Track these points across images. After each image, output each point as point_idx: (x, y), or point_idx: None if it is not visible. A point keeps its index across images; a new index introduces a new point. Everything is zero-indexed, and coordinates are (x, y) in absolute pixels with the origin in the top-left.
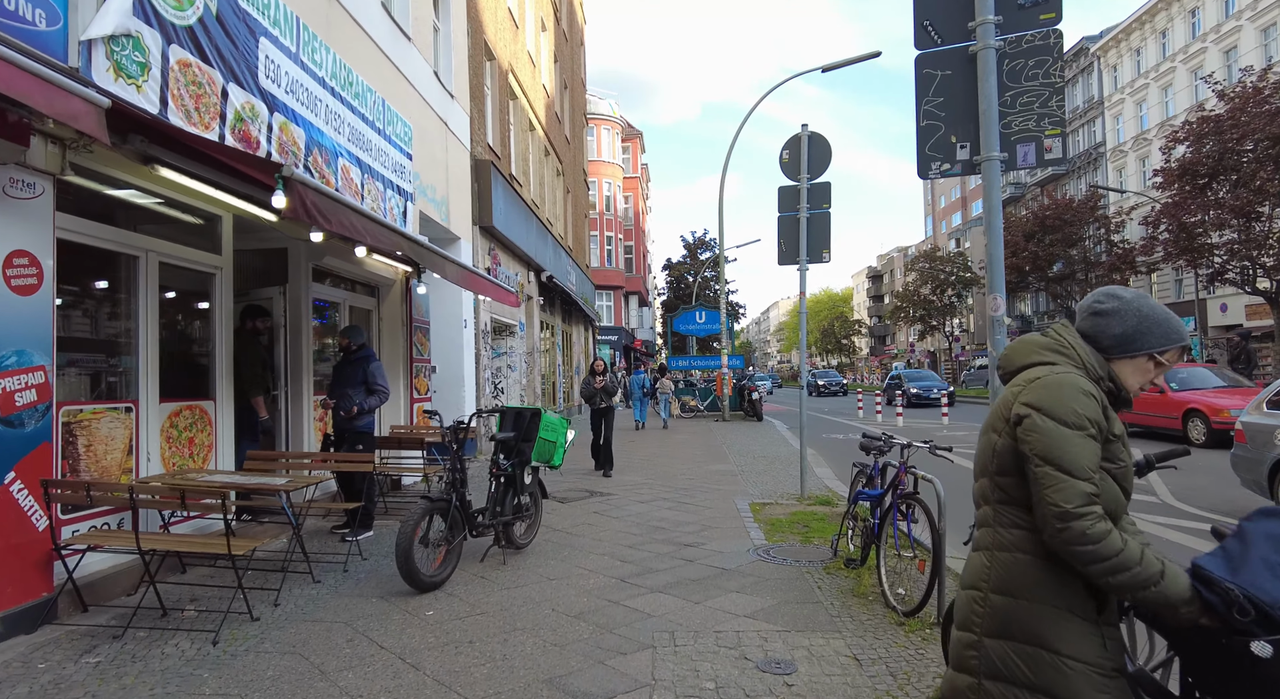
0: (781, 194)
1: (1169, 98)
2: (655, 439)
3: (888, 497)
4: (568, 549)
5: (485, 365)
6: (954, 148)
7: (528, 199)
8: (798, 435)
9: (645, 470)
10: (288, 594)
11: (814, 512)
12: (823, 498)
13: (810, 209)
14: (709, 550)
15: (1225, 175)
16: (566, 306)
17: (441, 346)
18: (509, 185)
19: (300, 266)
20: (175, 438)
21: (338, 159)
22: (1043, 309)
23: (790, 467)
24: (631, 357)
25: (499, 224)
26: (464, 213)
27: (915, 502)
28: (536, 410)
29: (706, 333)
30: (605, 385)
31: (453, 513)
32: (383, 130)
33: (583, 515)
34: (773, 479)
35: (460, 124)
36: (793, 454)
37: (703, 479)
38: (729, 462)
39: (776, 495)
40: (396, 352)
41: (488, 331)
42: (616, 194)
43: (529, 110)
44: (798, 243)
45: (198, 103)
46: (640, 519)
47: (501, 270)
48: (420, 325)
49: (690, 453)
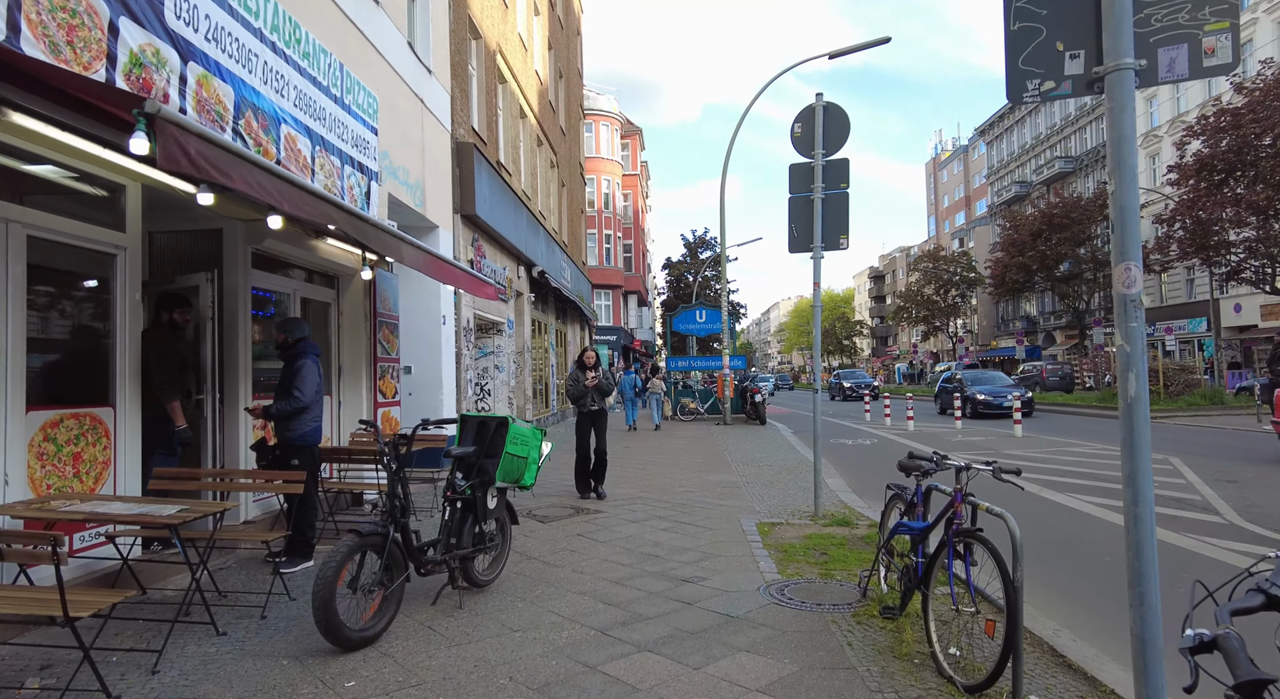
0: (793, 173)
1: (1181, 93)
2: (650, 444)
3: (937, 531)
4: (541, 586)
5: (468, 365)
6: (1061, 57)
7: (518, 189)
8: (805, 441)
9: (639, 482)
10: (177, 654)
11: (831, 535)
12: (839, 516)
13: (826, 189)
14: (711, 588)
15: (1243, 171)
16: (561, 304)
17: (416, 345)
18: (496, 173)
19: (237, 250)
20: (52, 455)
21: (280, 125)
22: (1049, 309)
23: (799, 477)
24: (630, 357)
25: (483, 213)
26: (443, 199)
27: (976, 540)
28: (503, 419)
29: (707, 332)
30: (599, 383)
31: (390, 549)
32: (340, 98)
33: (564, 539)
34: (781, 492)
35: (439, 103)
36: (800, 462)
37: (703, 492)
38: (731, 471)
39: (786, 512)
40: (359, 350)
41: (470, 329)
42: (615, 191)
43: (520, 96)
44: (811, 227)
45: (71, 35)
46: (631, 544)
47: (487, 263)
48: (387, 320)
49: (689, 461)
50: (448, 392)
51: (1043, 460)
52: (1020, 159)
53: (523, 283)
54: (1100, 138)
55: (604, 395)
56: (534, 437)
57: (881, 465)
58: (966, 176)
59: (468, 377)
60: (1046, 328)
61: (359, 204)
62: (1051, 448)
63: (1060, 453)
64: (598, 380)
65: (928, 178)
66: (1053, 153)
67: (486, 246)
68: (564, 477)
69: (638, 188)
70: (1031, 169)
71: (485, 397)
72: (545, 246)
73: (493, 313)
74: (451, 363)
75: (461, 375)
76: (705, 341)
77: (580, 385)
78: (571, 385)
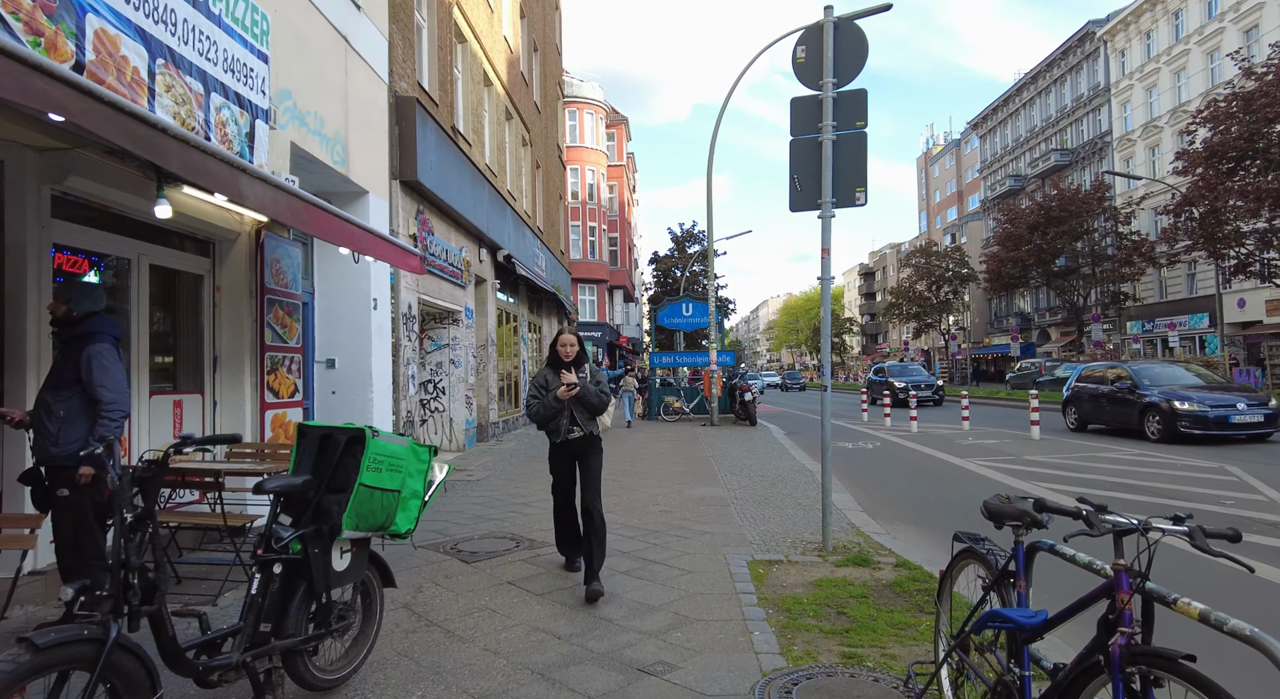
0: (796, 109)
1: (1182, 82)
2: (627, 448)
3: (1068, 630)
4: (427, 682)
5: (409, 359)
6: None
7: (480, 162)
8: (799, 443)
9: (607, 498)
10: None
11: (847, 580)
12: (853, 550)
13: (838, 129)
14: (681, 688)
15: (1254, 159)
16: (535, 295)
17: (340, 333)
18: (450, 139)
19: (25, 193)
20: None
21: (85, 14)
22: (1044, 305)
23: (797, 490)
24: (616, 354)
25: (430, 181)
26: (377, 162)
27: (1176, 676)
28: (358, 432)
29: (693, 327)
30: (582, 391)
31: (115, 660)
32: (205, 6)
33: (487, 590)
34: (777, 511)
35: (372, 47)
36: (797, 471)
37: (683, 512)
38: (718, 483)
39: (786, 543)
40: (240, 336)
41: (413, 316)
42: (600, 182)
43: (484, 60)
44: (819, 178)
45: None
46: (579, 598)
47: (436, 240)
48: (283, 299)
49: (669, 470)
50: (380, 390)
51: (1089, 470)
52: (1014, 152)
53: (486, 267)
54: (1097, 130)
55: (594, 412)
56: (413, 458)
57: (892, 475)
58: (959, 171)
59: (409, 371)
60: (1041, 324)
61: (236, 149)
62: (1081, 453)
63: (1091, 460)
64: (578, 389)
65: (919, 173)
66: (1048, 145)
67: (436, 221)
68: (515, 490)
69: (624, 179)
70: (1026, 162)
71: (438, 395)
72: (514, 229)
73: (445, 299)
74: (386, 355)
75: (400, 370)
76: (694, 339)
77: (548, 399)
78: (535, 400)
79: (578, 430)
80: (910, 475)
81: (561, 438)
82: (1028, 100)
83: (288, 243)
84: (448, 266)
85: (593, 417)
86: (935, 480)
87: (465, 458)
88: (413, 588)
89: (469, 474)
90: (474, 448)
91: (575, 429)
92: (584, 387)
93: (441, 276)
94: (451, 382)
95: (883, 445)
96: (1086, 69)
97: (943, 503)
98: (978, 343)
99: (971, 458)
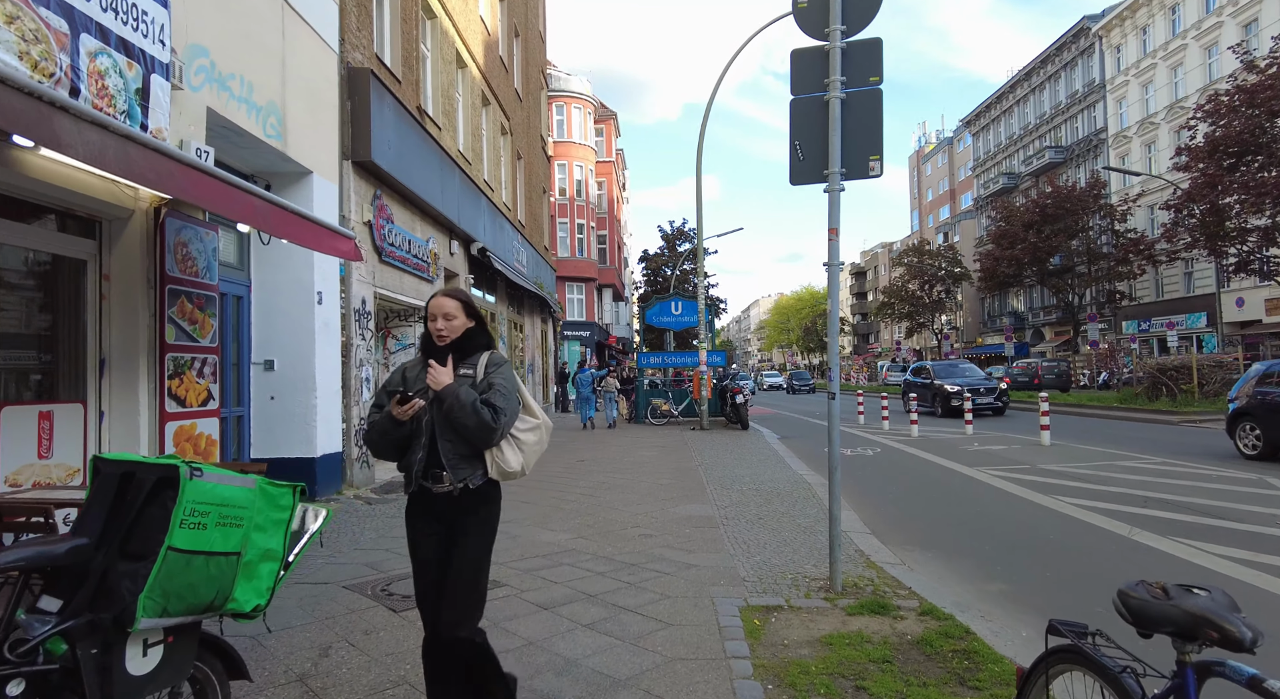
0: (798, 63)
1: (1179, 78)
2: (610, 455)
3: None
4: None
5: (362, 360)
6: None
7: (451, 148)
8: (794, 449)
9: (579, 517)
10: None
11: (863, 635)
12: (868, 592)
13: (848, 86)
14: None
15: (1256, 154)
16: (515, 292)
17: (279, 331)
18: (414, 119)
19: None
20: None
21: None
22: (1039, 305)
23: (795, 508)
24: (605, 354)
25: (387, 163)
26: (324, 140)
27: None
28: (169, 469)
29: (682, 326)
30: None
31: None
32: None
33: (411, 654)
34: (773, 535)
35: (318, 11)
36: (795, 484)
37: (665, 536)
38: (706, 499)
39: (787, 580)
40: (134, 334)
41: (368, 313)
42: (589, 178)
43: (457, 40)
44: (824, 145)
45: None
46: (524, 664)
47: (397, 229)
48: (193, 290)
49: (653, 482)
50: (326, 394)
51: (1114, 481)
52: (1008, 150)
53: (458, 261)
54: (1092, 127)
55: (475, 441)
56: (265, 504)
57: (898, 487)
58: (951, 169)
59: (362, 373)
60: (1035, 324)
61: (122, 106)
62: (1098, 461)
63: (1111, 469)
64: (455, 394)
65: (910, 171)
66: (1042, 142)
67: (397, 209)
68: None
69: (613, 176)
70: (1020, 159)
71: None
72: (490, 221)
73: (409, 294)
74: (334, 355)
75: (352, 373)
76: (685, 338)
77: (382, 418)
78: (376, 413)
79: (445, 477)
80: (918, 488)
81: (414, 486)
82: (1022, 97)
83: (198, 225)
84: (410, 258)
85: (475, 452)
86: (946, 494)
87: None
88: (317, 650)
89: None
90: None
91: (441, 475)
92: (451, 396)
93: (403, 269)
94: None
95: (883, 451)
96: (1081, 65)
97: (958, 522)
98: (970, 342)
99: (981, 466)
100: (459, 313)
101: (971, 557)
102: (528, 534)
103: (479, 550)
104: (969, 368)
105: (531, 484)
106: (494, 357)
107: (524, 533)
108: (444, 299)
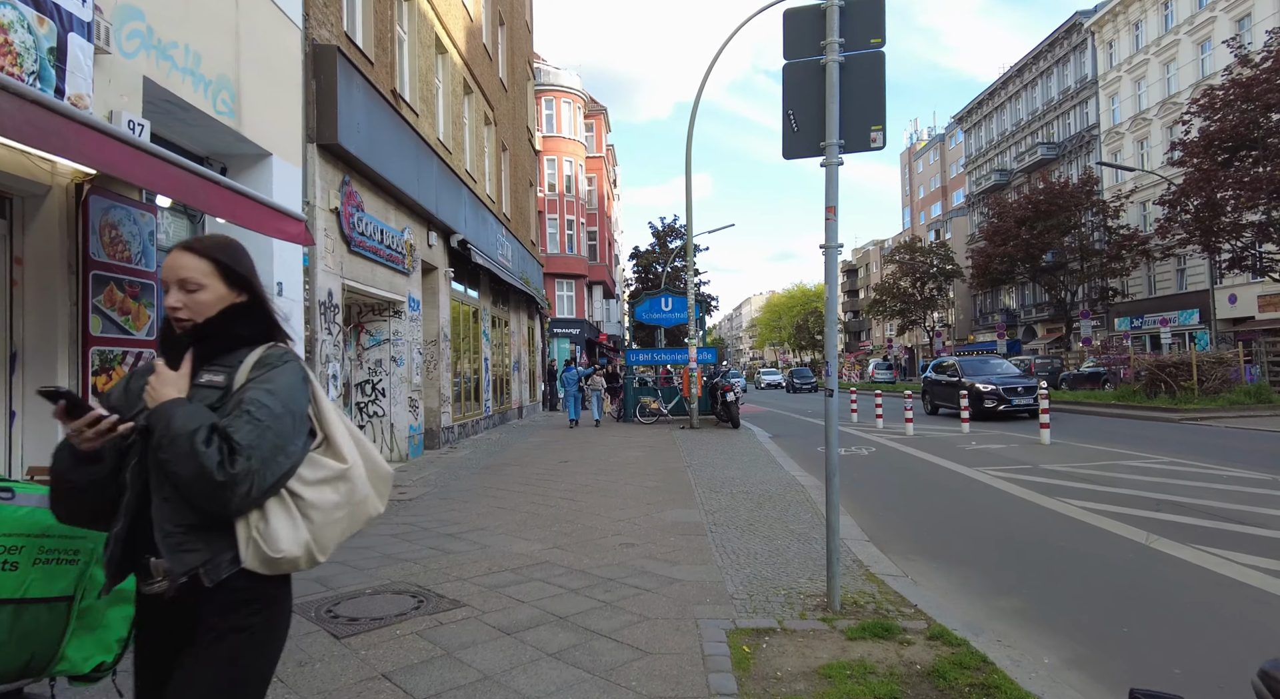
0: (790, 23)
1: (1171, 74)
2: (595, 456)
3: None
4: None
5: (329, 356)
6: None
7: (429, 136)
8: (786, 448)
9: (556, 523)
10: None
11: (866, 664)
12: (869, 611)
13: (846, 49)
14: None
15: (1250, 148)
16: (500, 287)
17: None
18: (388, 102)
19: None
20: None
21: None
22: (1031, 302)
23: (788, 513)
24: (596, 352)
25: (355, 147)
26: (285, 119)
27: None
28: None
29: (673, 322)
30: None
31: None
32: None
33: (349, 692)
34: (765, 543)
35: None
36: (787, 485)
37: (648, 545)
38: (694, 503)
39: (780, 596)
40: (51, 325)
41: (334, 306)
42: (579, 174)
43: (436, 23)
44: (821, 114)
45: None
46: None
47: (368, 218)
48: (122, 277)
49: (639, 484)
50: None
51: (1121, 482)
52: (1000, 146)
53: (438, 253)
54: (1084, 123)
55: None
56: None
57: (896, 489)
58: (943, 166)
59: (329, 370)
60: (1027, 321)
61: (31, 66)
62: (1102, 461)
63: (1115, 469)
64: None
65: (902, 169)
66: (1034, 139)
67: (368, 197)
68: (451, 513)
69: (603, 171)
70: (1012, 156)
71: (377, 397)
72: (472, 213)
73: (382, 287)
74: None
75: (318, 369)
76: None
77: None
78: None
79: (157, 567)
80: (917, 490)
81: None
82: (1013, 94)
83: (131, 205)
84: (383, 248)
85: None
86: (947, 497)
87: (406, 470)
88: None
89: (402, 491)
90: (419, 457)
91: (149, 563)
92: (162, 422)
93: (375, 260)
94: (393, 382)
95: (879, 451)
96: (1074, 61)
97: (961, 528)
98: (962, 340)
99: (981, 467)
100: (209, 278)
101: (978, 567)
102: (499, 544)
103: (223, 682)
104: (1000, 363)
105: (508, 487)
106: (270, 354)
107: (495, 542)
108: (183, 255)
